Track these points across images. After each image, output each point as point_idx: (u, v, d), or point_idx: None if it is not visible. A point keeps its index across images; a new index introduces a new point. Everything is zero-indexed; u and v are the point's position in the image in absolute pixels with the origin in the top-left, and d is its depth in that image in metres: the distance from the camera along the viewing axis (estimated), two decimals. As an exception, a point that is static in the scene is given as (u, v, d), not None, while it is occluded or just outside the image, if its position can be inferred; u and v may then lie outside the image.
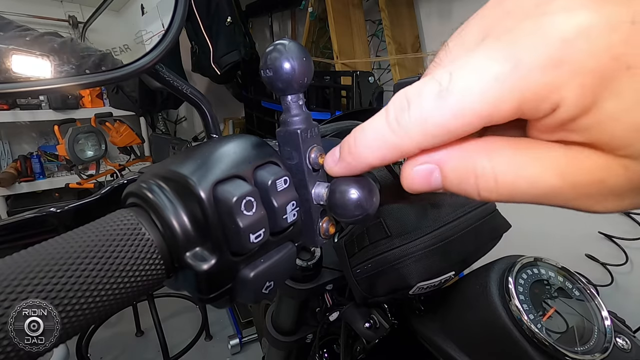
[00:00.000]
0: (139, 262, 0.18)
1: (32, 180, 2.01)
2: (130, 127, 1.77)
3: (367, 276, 0.43)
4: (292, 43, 0.21)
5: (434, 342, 0.46)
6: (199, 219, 0.19)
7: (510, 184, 0.14)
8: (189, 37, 1.89)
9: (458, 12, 1.43)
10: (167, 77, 0.32)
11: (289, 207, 0.21)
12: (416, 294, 0.43)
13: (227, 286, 0.20)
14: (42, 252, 0.16)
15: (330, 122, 0.40)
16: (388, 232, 0.41)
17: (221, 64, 1.83)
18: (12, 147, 2.15)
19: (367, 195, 0.20)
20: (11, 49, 0.28)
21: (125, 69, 0.27)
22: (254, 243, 0.19)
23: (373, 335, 0.49)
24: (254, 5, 2.33)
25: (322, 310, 0.61)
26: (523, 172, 0.14)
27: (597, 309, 0.40)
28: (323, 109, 1.55)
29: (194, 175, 0.18)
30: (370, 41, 1.76)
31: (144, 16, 0.42)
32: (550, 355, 0.36)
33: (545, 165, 0.13)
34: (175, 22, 0.29)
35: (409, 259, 0.40)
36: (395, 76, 1.52)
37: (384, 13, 1.47)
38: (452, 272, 0.42)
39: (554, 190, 0.13)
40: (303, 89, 0.22)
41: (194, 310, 1.84)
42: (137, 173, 0.27)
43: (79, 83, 0.26)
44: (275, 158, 0.21)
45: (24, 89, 0.25)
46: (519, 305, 0.38)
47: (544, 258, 0.44)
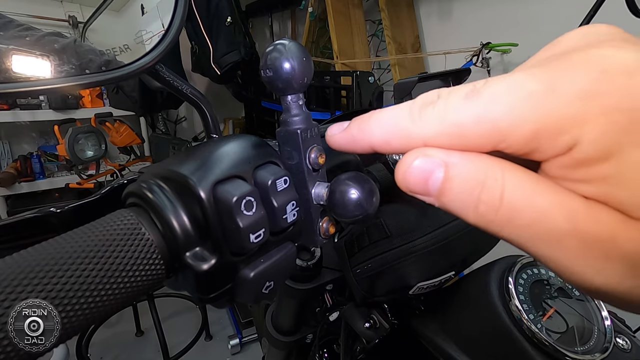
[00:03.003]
0: (139, 262, 0.18)
1: (32, 180, 2.01)
2: (130, 127, 1.77)
3: (367, 276, 0.43)
4: (292, 43, 0.21)
5: (434, 342, 0.46)
6: (199, 219, 0.19)
7: (513, 208, 0.12)
8: (189, 37, 1.89)
9: (458, 12, 1.43)
10: (167, 77, 0.32)
11: (288, 207, 0.21)
12: (416, 294, 0.43)
13: (227, 286, 0.20)
14: (42, 252, 0.16)
15: (330, 122, 0.40)
16: (388, 232, 0.41)
17: (221, 64, 1.83)
18: (12, 147, 2.15)
19: (367, 195, 0.20)
20: (11, 49, 0.28)
21: (125, 69, 0.27)
22: (254, 243, 0.19)
23: (373, 335, 0.49)
24: (254, 5, 2.33)
25: (322, 310, 0.61)
26: (532, 200, 0.12)
27: (597, 309, 0.40)
28: (323, 109, 1.55)
29: (194, 175, 0.18)
30: (370, 41, 1.76)
31: (144, 16, 0.42)
32: (550, 355, 0.36)
33: (556, 201, 0.12)
34: (175, 22, 0.29)
35: (409, 259, 0.40)
36: (395, 76, 1.52)
37: (384, 13, 1.47)
38: (452, 272, 0.42)
39: (558, 233, 0.12)
40: (303, 89, 0.22)
41: (194, 310, 1.84)
42: (137, 173, 0.27)
43: (79, 83, 0.26)
44: (275, 158, 0.21)
45: (24, 89, 0.25)
46: (519, 305, 0.38)
47: (544, 258, 0.44)
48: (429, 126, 0.14)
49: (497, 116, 0.12)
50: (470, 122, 0.13)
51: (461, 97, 0.13)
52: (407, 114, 0.15)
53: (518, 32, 1.20)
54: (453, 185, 0.13)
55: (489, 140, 0.13)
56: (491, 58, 1.25)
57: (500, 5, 1.29)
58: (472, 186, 0.13)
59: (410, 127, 0.14)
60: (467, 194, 0.13)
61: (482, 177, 0.13)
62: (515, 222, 0.12)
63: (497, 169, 0.13)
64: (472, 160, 0.13)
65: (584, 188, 0.12)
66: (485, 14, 1.33)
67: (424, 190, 0.14)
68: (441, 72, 0.42)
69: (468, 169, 0.13)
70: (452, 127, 0.13)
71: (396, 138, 0.15)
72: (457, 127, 0.13)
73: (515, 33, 1.20)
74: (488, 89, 0.13)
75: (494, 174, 0.13)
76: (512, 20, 1.24)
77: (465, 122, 0.13)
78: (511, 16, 1.25)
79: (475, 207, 0.13)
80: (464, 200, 0.13)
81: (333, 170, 0.26)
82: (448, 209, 0.14)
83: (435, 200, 0.14)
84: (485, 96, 0.13)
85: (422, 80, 0.39)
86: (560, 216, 0.12)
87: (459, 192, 0.13)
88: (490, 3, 1.32)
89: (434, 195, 0.14)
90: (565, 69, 0.12)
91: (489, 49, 1.22)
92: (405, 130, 0.15)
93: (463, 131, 0.13)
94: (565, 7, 1.02)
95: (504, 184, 0.13)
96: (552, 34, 0.15)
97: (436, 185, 0.14)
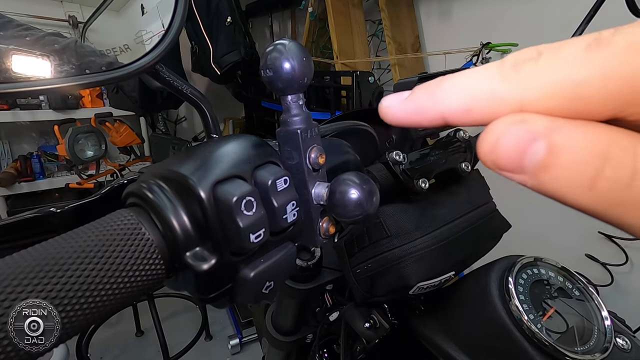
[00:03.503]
0: (139, 262, 0.18)
1: (32, 180, 2.01)
2: (130, 127, 1.77)
3: (367, 276, 0.43)
4: (292, 43, 0.21)
5: (434, 342, 0.46)
6: (199, 219, 0.19)
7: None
8: (189, 37, 1.89)
9: (458, 12, 1.43)
10: (167, 77, 0.32)
11: (289, 207, 0.21)
12: (416, 294, 0.43)
13: (227, 286, 0.20)
14: (42, 252, 0.16)
15: (330, 122, 0.40)
16: (388, 232, 0.41)
17: (221, 64, 1.83)
18: (12, 147, 2.15)
19: (367, 195, 0.20)
20: (11, 49, 0.28)
21: (125, 69, 0.27)
22: (254, 243, 0.19)
23: (373, 335, 0.49)
24: (254, 5, 2.33)
25: (322, 310, 0.61)
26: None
27: (597, 309, 0.40)
28: (323, 109, 1.55)
29: (194, 175, 0.18)
30: (370, 41, 1.76)
31: (144, 16, 0.42)
32: (550, 355, 0.36)
33: None
34: (175, 22, 0.29)
35: (409, 259, 0.40)
36: (395, 76, 1.52)
37: (384, 13, 1.47)
38: (452, 272, 0.42)
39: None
40: (303, 89, 0.22)
41: (194, 310, 1.84)
42: (137, 173, 0.27)
43: (79, 83, 0.26)
44: (275, 158, 0.21)
45: (24, 89, 0.25)
46: (519, 305, 0.38)
47: (544, 258, 0.44)
48: (531, 85, 0.11)
49: (635, 70, 0.10)
50: (597, 79, 0.10)
51: (581, 48, 0.11)
52: (496, 73, 0.12)
53: (518, 32, 1.20)
54: (561, 159, 0.10)
55: (617, 102, 0.10)
56: (491, 58, 1.25)
57: (500, 5, 1.29)
58: (589, 159, 0.10)
59: (502, 88, 0.12)
60: (582, 169, 0.10)
61: (604, 147, 0.10)
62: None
63: (626, 136, 0.10)
64: (589, 128, 0.11)
65: None
66: (485, 14, 1.33)
67: (517, 165, 0.11)
68: (441, 72, 0.42)
69: (585, 137, 0.10)
70: (569, 86, 0.11)
71: (482, 102, 0.12)
72: (575, 86, 0.10)
73: (515, 33, 1.20)
74: (622, 36, 0.10)
75: (621, 142, 0.10)
76: (512, 20, 1.24)
77: (589, 78, 0.10)
78: (511, 16, 1.25)
79: (591, 186, 0.10)
80: (576, 177, 0.10)
81: (333, 170, 0.26)
82: (547, 190, 0.11)
83: (532, 178, 0.11)
84: (619, 45, 0.10)
85: (422, 80, 0.39)
86: None
87: (570, 167, 0.10)
88: (490, 3, 1.32)
89: (531, 172, 0.11)
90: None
91: (489, 49, 1.22)
92: (495, 93, 0.12)
93: (583, 91, 0.10)
94: (565, 7, 1.02)
95: (637, 154, 0.10)
96: (552, 34, 0.15)
97: (537, 158, 0.11)
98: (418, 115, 0.14)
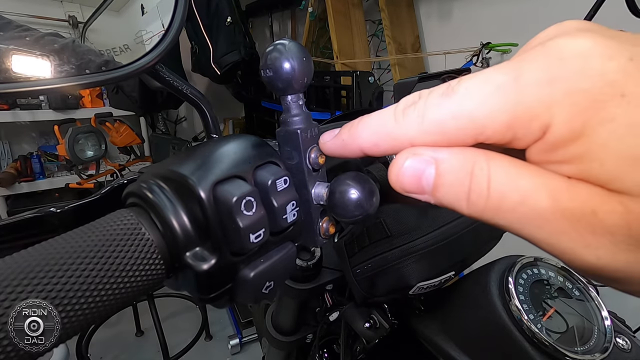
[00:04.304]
0: (139, 262, 0.18)
1: (32, 180, 2.02)
2: (130, 127, 1.77)
3: (367, 276, 0.43)
4: (292, 43, 0.21)
5: (434, 342, 0.46)
6: (199, 219, 0.19)
7: (501, 194, 0.13)
8: (189, 37, 1.89)
9: (458, 12, 1.43)
10: (167, 77, 0.32)
11: (289, 207, 0.21)
12: (416, 294, 0.43)
13: (227, 286, 0.20)
14: (42, 252, 0.16)
15: (330, 122, 0.40)
16: (388, 232, 0.41)
17: (221, 64, 1.83)
18: (12, 147, 2.15)
19: (367, 195, 0.20)
20: (11, 49, 0.28)
21: (125, 69, 0.27)
22: (254, 243, 0.19)
23: (373, 335, 0.49)
24: (254, 5, 2.33)
25: (322, 310, 0.61)
26: (516, 184, 0.13)
27: (597, 309, 0.40)
28: (323, 109, 1.55)
29: (194, 175, 0.18)
30: (370, 41, 1.76)
31: (144, 16, 0.42)
32: (550, 355, 0.36)
33: (539, 183, 0.13)
34: (175, 22, 0.29)
35: (409, 259, 0.40)
36: (395, 76, 1.52)
37: (384, 13, 1.47)
38: (452, 272, 0.42)
39: (544, 213, 0.12)
40: (303, 89, 0.22)
41: (194, 310, 1.84)
42: (137, 173, 0.27)
43: (79, 83, 0.26)
44: (275, 158, 0.21)
45: (24, 89, 0.25)
46: (519, 305, 0.38)
47: (544, 258, 0.44)
48: (412, 126, 0.15)
49: (471, 110, 0.13)
50: (448, 118, 0.14)
51: (438, 95, 0.14)
52: (391, 117, 0.15)
53: (518, 32, 1.20)
54: (445, 180, 0.14)
55: (469, 133, 0.13)
56: (491, 58, 1.25)
57: (500, 5, 1.29)
58: (462, 178, 0.14)
59: (395, 128, 0.15)
60: (459, 186, 0.14)
61: (469, 168, 0.14)
62: (504, 206, 0.13)
63: (482, 158, 0.14)
64: (459, 153, 0.14)
65: (565, 168, 0.12)
66: (485, 14, 1.33)
67: (418, 188, 0.15)
68: (441, 72, 0.42)
69: (456, 161, 0.14)
70: (433, 124, 0.14)
71: (383, 140, 0.16)
72: (437, 125, 0.14)
73: (515, 33, 1.20)
74: (461, 85, 0.14)
75: (479, 163, 0.14)
76: (512, 20, 1.24)
77: (443, 119, 0.14)
78: (511, 16, 1.25)
79: (467, 198, 0.14)
80: (457, 192, 0.14)
81: (333, 170, 0.26)
82: (443, 203, 0.15)
83: (431, 197, 0.15)
84: (459, 93, 0.14)
85: (422, 80, 0.39)
86: (543, 195, 0.12)
87: (451, 185, 0.14)
88: (490, 3, 1.32)
89: (429, 192, 0.15)
90: (529, 60, 0.13)
91: (489, 49, 1.22)
92: (391, 133, 0.15)
93: (443, 128, 0.14)
94: (565, 8, 1.02)
95: (490, 171, 0.13)
96: (552, 34, 0.15)
97: (429, 182, 0.15)
98: (344, 149, 0.18)
